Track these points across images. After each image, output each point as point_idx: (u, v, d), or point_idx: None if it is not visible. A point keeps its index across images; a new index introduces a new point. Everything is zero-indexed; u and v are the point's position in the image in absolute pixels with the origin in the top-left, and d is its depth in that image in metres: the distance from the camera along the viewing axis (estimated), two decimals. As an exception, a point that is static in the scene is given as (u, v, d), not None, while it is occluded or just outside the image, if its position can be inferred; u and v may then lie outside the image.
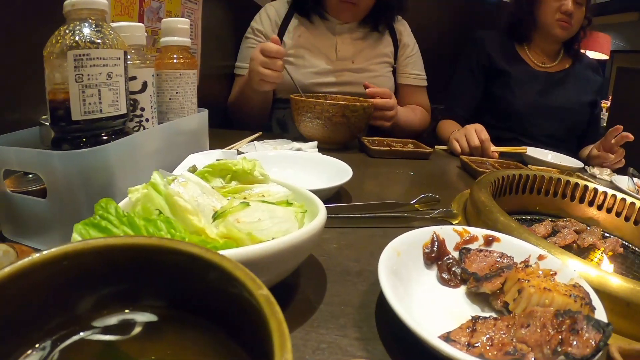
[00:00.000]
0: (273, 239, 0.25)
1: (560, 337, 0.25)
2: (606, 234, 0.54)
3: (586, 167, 0.90)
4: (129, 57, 0.40)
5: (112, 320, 0.18)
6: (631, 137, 0.89)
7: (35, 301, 0.17)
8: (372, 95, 0.89)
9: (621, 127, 0.90)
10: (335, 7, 0.99)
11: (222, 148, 0.59)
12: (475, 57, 1.15)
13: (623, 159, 0.94)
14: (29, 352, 0.17)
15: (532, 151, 0.91)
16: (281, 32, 1.03)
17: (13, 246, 0.29)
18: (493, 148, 0.88)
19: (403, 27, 1.12)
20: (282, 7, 1.05)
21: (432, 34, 1.32)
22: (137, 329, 0.18)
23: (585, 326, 0.25)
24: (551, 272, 0.32)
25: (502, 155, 0.89)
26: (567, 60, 1.15)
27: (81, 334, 0.18)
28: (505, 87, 1.10)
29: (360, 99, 0.88)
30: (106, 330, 0.18)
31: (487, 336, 0.26)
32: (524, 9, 1.09)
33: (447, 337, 0.26)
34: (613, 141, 0.90)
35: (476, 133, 0.88)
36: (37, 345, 0.17)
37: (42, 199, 0.33)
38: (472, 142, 0.87)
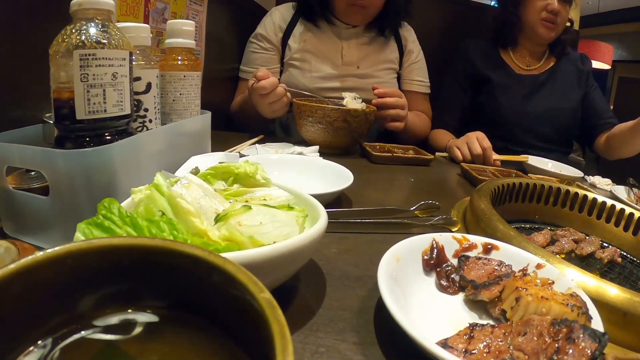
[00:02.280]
0: (274, 242, 0.25)
1: (556, 345, 0.25)
2: (605, 244, 0.55)
3: (586, 176, 0.90)
4: (133, 57, 0.40)
5: (113, 319, 0.18)
6: None
7: (38, 299, 0.17)
8: (381, 96, 0.87)
9: None
10: (344, 11, 1.00)
11: (224, 150, 0.60)
12: (460, 66, 1.15)
13: None
14: (30, 349, 0.17)
15: (533, 160, 0.91)
16: (286, 37, 1.04)
17: (14, 243, 0.29)
18: (495, 156, 0.88)
19: (408, 34, 1.12)
20: (287, 12, 1.06)
21: (435, 41, 1.33)
22: (137, 329, 0.18)
23: (581, 335, 0.25)
24: (549, 281, 0.32)
25: (503, 163, 0.89)
26: (552, 59, 1.14)
27: (82, 332, 0.18)
28: (489, 94, 1.10)
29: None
30: (107, 329, 0.18)
31: (484, 343, 0.26)
32: (509, 10, 1.09)
33: (444, 344, 0.26)
34: None
35: (478, 141, 0.88)
36: (38, 343, 0.17)
37: (44, 196, 0.33)
38: (475, 150, 0.87)
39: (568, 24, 1.09)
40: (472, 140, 0.89)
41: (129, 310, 0.19)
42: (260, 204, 0.30)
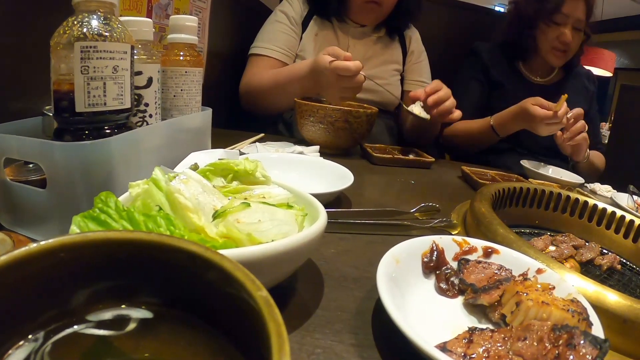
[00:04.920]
0: (272, 240, 0.25)
1: (557, 351, 0.25)
2: (604, 250, 0.54)
3: (586, 183, 0.90)
4: (135, 51, 0.40)
5: (107, 315, 0.18)
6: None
7: (30, 292, 0.17)
8: (429, 94, 0.81)
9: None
10: (359, 9, 0.99)
11: (224, 148, 0.59)
12: (473, 67, 1.16)
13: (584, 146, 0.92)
14: (21, 343, 0.16)
15: (533, 165, 0.91)
16: (303, 29, 1.03)
17: (10, 235, 0.29)
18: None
19: (413, 34, 1.12)
20: (303, 4, 1.05)
21: (440, 45, 1.33)
22: (131, 325, 0.18)
23: (582, 341, 0.25)
24: (550, 286, 0.32)
25: None
26: (562, 73, 1.16)
27: (75, 327, 0.17)
28: (500, 99, 1.09)
29: (365, 105, 0.89)
30: (100, 324, 0.18)
31: (484, 348, 0.26)
32: (524, 33, 1.09)
33: (443, 347, 0.26)
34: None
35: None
36: (29, 337, 0.17)
37: (42, 189, 0.33)
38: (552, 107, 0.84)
39: (584, 37, 1.09)
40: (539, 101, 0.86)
41: (123, 306, 0.18)
42: (259, 202, 0.29)
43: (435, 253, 0.35)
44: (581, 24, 1.03)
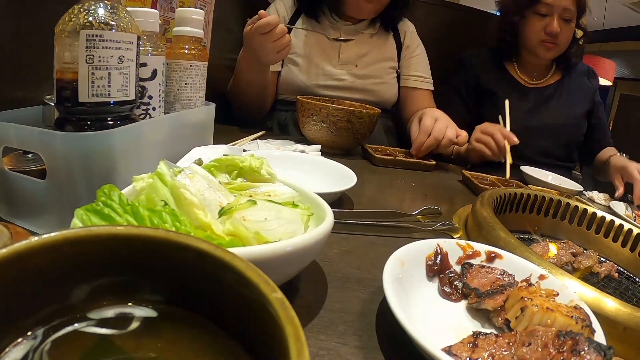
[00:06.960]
0: (279, 240, 0.24)
1: (561, 357, 0.25)
2: (602, 259, 0.54)
3: (584, 191, 0.90)
4: (140, 42, 0.39)
5: (109, 313, 0.18)
6: None
7: (30, 287, 0.16)
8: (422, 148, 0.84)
9: None
10: (355, 4, 0.96)
11: (225, 144, 0.59)
12: (462, 78, 1.13)
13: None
14: (19, 340, 0.16)
15: (533, 171, 0.91)
16: (288, 30, 1.02)
17: (7, 226, 0.28)
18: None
19: (408, 29, 1.09)
20: (290, 6, 1.03)
21: (437, 48, 1.32)
22: (134, 324, 0.17)
23: (586, 348, 0.25)
24: (554, 293, 0.32)
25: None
26: (560, 73, 1.12)
27: (75, 325, 0.17)
28: (493, 107, 1.06)
29: (367, 106, 0.88)
30: (102, 323, 0.17)
31: (488, 352, 0.26)
32: (508, 31, 1.07)
33: (448, 351, 0.25)
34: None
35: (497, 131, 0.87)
36: (28, 334, 0.16)
37: (41, 179, 0.32)
38: (500, 142, 0.86)
39: (580, 33, 1.07)
40: (492, 133, 0.87)
41: (128, 304, 0.18)
42: (265, 200, 0.29)
43: (440, 256, 0.35)
44: (569, 13, 1.00)
